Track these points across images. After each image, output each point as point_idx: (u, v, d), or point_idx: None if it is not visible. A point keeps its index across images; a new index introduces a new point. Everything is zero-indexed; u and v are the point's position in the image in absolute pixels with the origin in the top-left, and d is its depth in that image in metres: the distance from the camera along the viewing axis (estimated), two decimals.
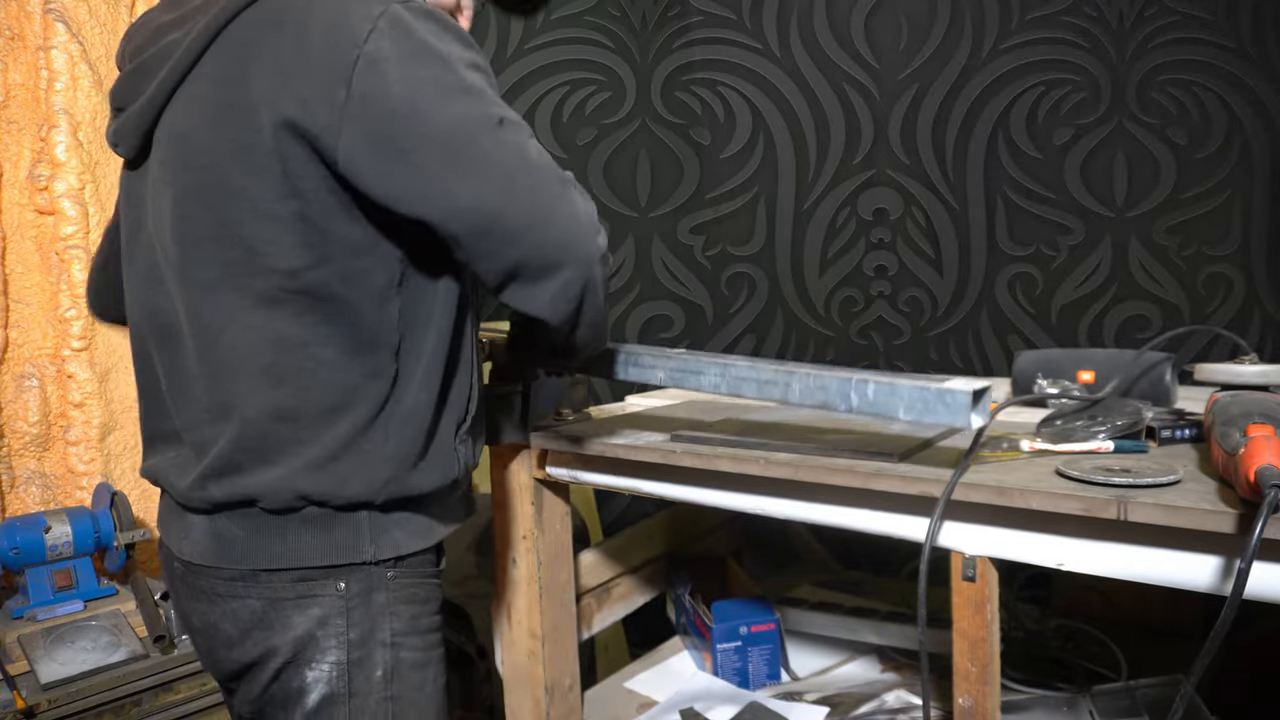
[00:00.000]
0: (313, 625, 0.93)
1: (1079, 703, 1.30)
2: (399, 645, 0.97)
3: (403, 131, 0.86)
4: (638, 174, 2.72)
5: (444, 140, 0.87)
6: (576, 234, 0.91)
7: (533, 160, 0.90)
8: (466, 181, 0.87)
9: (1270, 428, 0.79)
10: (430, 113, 0.86)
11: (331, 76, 0.85)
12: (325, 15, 0.87)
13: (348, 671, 0.94)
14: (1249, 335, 2.50)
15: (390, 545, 0.96)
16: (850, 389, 0.95)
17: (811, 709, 1.45)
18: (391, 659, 0.96)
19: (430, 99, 0.87)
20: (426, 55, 0.88)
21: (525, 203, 0.89)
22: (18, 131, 1.82)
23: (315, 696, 0.94)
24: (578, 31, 2.66)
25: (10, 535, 1.58)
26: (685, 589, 1.74)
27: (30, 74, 1.82)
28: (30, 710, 1.41)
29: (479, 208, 0.88)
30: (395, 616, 0.96)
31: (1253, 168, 2.50)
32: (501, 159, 0.88)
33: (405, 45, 0.87)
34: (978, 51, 2.60)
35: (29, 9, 1.81)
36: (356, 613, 0.94)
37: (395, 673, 0.96)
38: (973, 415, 0.89)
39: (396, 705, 0.96)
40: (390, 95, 0.85)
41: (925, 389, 0.90)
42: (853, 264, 2.71)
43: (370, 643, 0.95)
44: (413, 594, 0.99)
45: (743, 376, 1.03)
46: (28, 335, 1.84)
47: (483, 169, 0.88)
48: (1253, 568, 0.71)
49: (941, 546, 0.97)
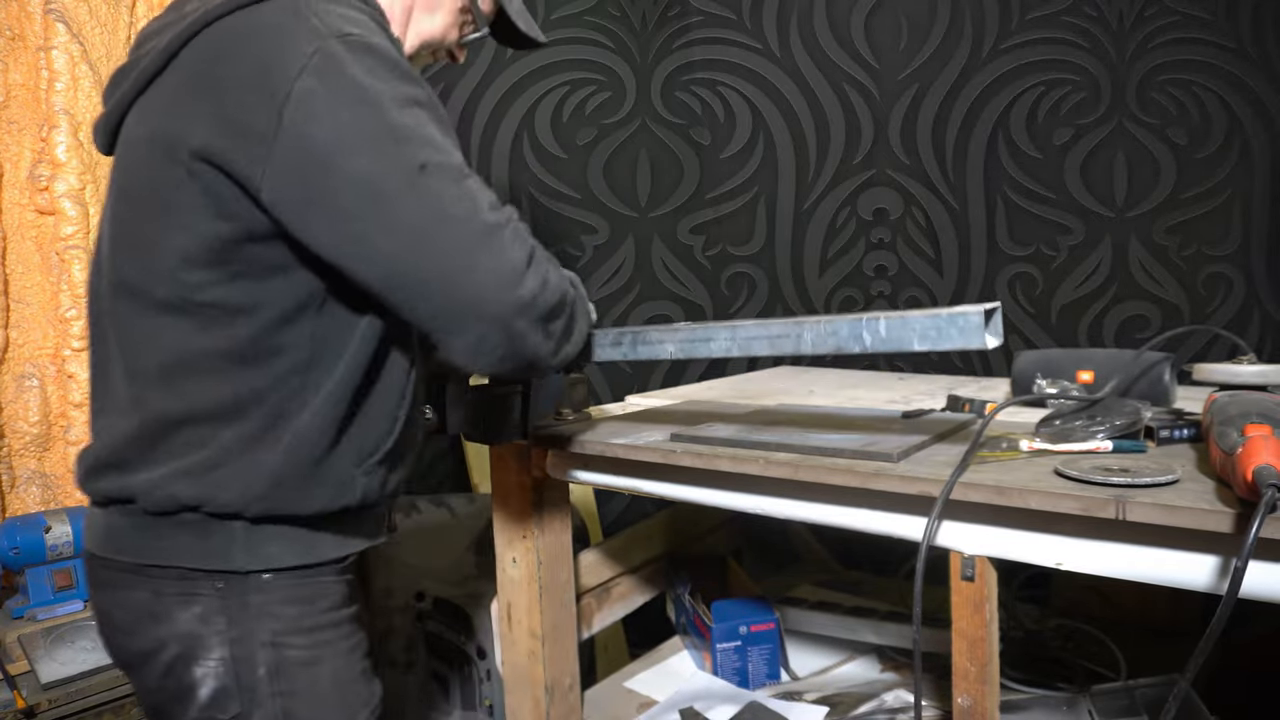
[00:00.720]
0: (196, 623, 0.96)
1: (1078, 702, 1.30)
2: (281, 645, 0.97)
3: (321, 177, 0.86)
4: (638, 174, 2.72)
5: (360, 190, 0.87)
6: (491, 288, 0.89)
7: (450, 213, 0.89)
8: (379, 234, 0.87)
9: (1268, 427, 0.80)
10: (348, 161, 0.86)
11: (263, 111, 0.86)
12: (264, 48, 0.88)
13: (234, 667, 0.96)
14: (1248, 335, 2.50)
15: (263, 558, 0.96)
16: (862, 328, 0.95)
17: (811, 709, 1.45)
18: (274, 658, 0.97)
19: (350, 145, 0.86)
20: (354, 96, 0.87)
21: (436, 258, 0.88)
22: (18, 132, 1.82)
23: (207, 691, 0.96)
24: (578, 31, 2.67)
25: (10, 535, 1.58)
26: (685, 589, 1.74)
27: (31, 74, 1.82)
28: (31, 710, 1.41)
29: (391, 261, 0.88)
30: (273, 618, 0.97)
31: (1253, 168, 2.50)
32: (416, 212, 0.88)
33: (334, 84, 0.87)
34: (978, 51, 2.60)
35: (29, 9, 1.81)
36: (234, 613, 0.96)
37: (280, 671, 0.97)
38: (986, 335, 0.88)
39: (287, 701, 0.97)
40: (313, 138, 0.86)
41: (936, 315, 0.90)
42: (853, 264, 2.71)
43: (250, 642, 0.96)
44: (294, 595, 0.98)
45: (753, 335, 1.02)
46: (28, 335, 1.84)
47: (396, 222, 0.87)
48: (1249, 566, 0.71)
49: (940, 546, 0.98)
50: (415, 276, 0.89)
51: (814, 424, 1.24)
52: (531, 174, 2.68)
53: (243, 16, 0.90)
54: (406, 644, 1.95)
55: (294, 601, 0.98)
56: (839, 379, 1.90)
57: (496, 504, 1.40)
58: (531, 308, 0.93)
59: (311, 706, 0.99)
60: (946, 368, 2.64)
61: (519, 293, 0.91)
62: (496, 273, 0.90)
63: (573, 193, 2.71)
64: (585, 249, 2.73)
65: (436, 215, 0.88)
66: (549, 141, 2.68)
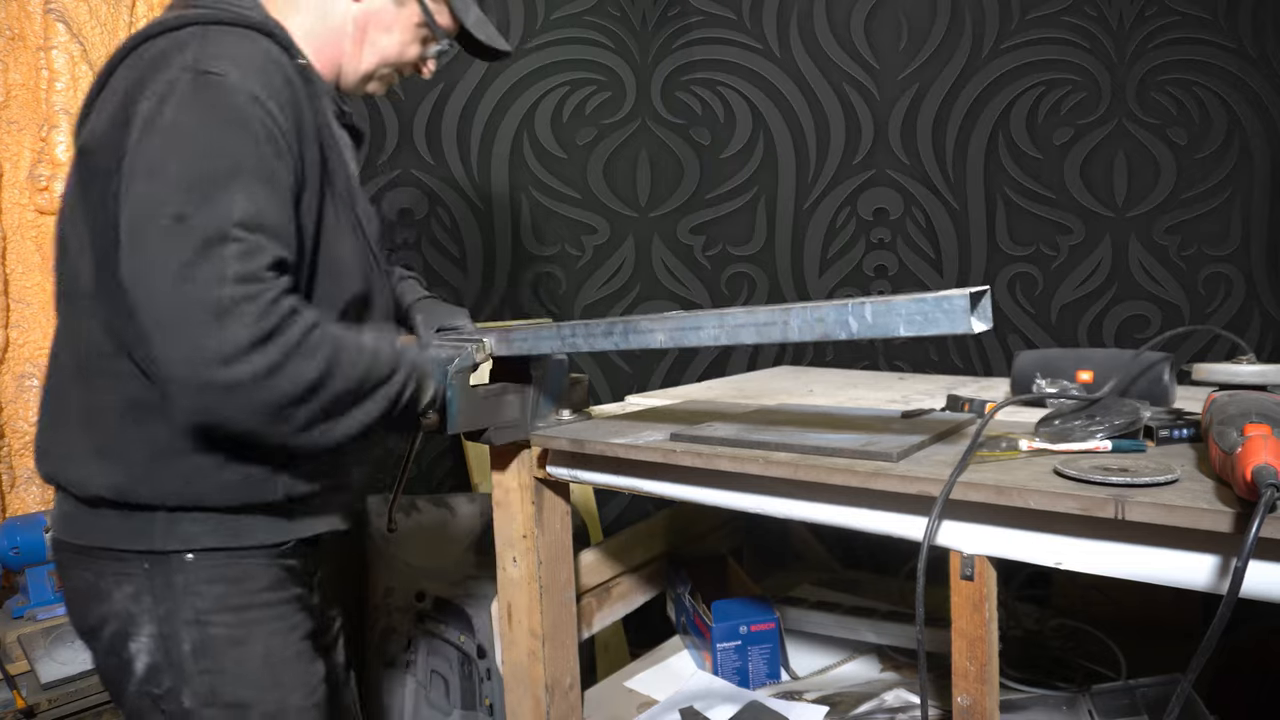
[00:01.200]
0: (129, 600, 1.00)
1: (1078, 702, 1.30)
2: (205, 623, 1.00)
3: (121, 201, 0.91)
4: (638, 174, 2.72)
5: (131, 221, 0.89)
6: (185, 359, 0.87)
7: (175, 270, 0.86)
8: (125, 260, 0.89)
9: (1267, 427, 0.80)
10: (135, 191, 0.90)
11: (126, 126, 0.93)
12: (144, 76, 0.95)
13: (163, 644, 1.00)
14: (1248, 335, 2.50)
15: (181, 538, 1.00)
16: (848, 314, 0.94)
17: (811, 708, 1.45)
18: (198, 635, 1.00)
19: (139, 171, 0.90)
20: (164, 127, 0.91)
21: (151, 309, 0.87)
22: (18, 131, 1.82)
23: (141, 665, 1.01)
24: (578, 31, 2.67)
25: (10, 535, 1.58)
26: (685, 588, 1.74)
27: (31, 74, 1.82)
28: (30, 709, 1.41)
29: (130, 291, 0.89)
30: (198, 595, 1.00)
31: (1253, 168, 2.50)
32: (153, 254, 0.87)
33: (158, 112, 0.91)
34: (978, 51, 2.60)
35: (29, 9, 1.81)
36: (160, 591, 1.00)
37: (205, 648, 1.00)
38: (972, 320, 0.86)
39: (215, 679, 1.01)
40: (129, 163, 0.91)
41: (922, 300, 0.89)
42: (853, 264, 2.71)
43: (175, 619, 1.00)
44: (219, 574, 1.02)
45: (740, 323, 1.03)
46: (28, 335, 1.84)
47: (136, 256, 0.88)
48: (1249, 566, 0.71)
49: (940, 545, 0.98)
50: (139, 315, 0.89)
51: (814, 424, 1.24)
52: (531, 174, 2.68)
53: (149, 45, 0.98)
54: (406, 644, 1.95)
55: (219, 580, 1.01)
56: (839, 378, 1.90)
57: (496, 504, 1.40)
58: (241, 389, 0.88)
59: (239, 683, 1.02)
60: (946, 367, 2.65)
61: (221, 372, 0.87)
62: (199, 346, 0.86)
63: (573, 193, 2.71)
64: (585, 249, 2.73)
65: (162, 267, 0.87)
66: (549, 141, 2.68)
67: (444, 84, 2.60)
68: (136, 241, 0.88)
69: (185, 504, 0.99)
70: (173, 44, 0.96)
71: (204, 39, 0.96)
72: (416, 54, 1.21)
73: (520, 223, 2.69)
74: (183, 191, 0.88)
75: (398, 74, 1.23)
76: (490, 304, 2.70)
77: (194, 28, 0.97)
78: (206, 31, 0.97)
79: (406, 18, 1.17)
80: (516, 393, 1.30)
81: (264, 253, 0.90)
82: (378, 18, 1.14)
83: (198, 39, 0.96)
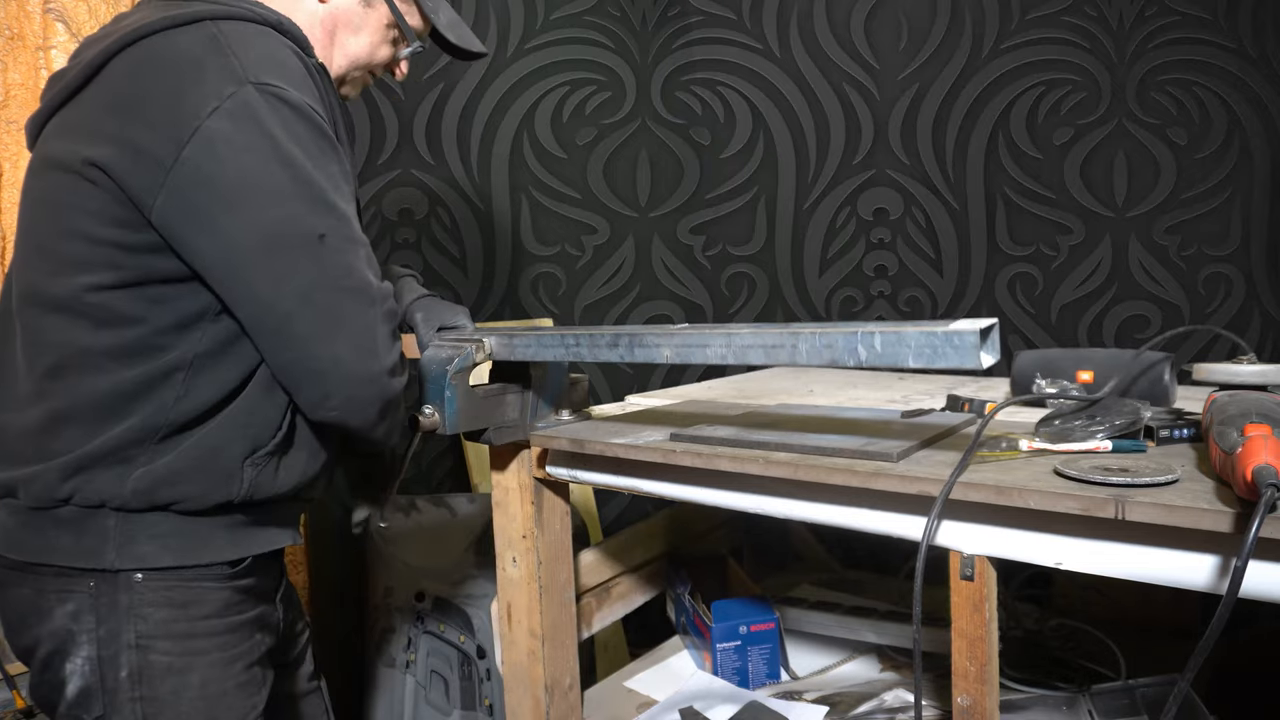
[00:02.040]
0: (69, 620, 0.97)
1: (1078, 702, 1.30)
2: (146, 648, 0.97)
3: (220, 215, 0.91)
4: (638, 174, 2.72)
5: (257, 238, 0.92)
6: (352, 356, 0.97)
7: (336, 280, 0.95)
8: (267, 282, 0.93)
9: (1268, 427, 0.79)
10: (254, 210, 0.91)
11: (165, 138, 0.90)
12: (178, 80, 0.92)
13: (99, 667, 0.97)
14: (1248, 335, 2.50)
15: (135, 556, 0.97)
16: (857, 342, 0.94)
17: (811, 708, 1.45)
18: (138, 660, 0.97)
19: (256, 195, 0.91)
20: (267, 148, 0.91)
21: (310, 319, 0.94)
22: (18, 131, 1.82)
23: (73, 688, 0.98)
24: (578, 31, 2.67)
25: None
26: (685, 588, 1.74)
27: (30, 74, 1.82)
28: (30, 710, 1.41)
29: (271, 306, 0.93)
30: (141, 619, 0.97)
31: (1253, 168, 2.50)
32: (307, 271, 0.93)
33: (247, 132, 0.91)
34: (978, 51, 2.60)
35: (29, 9, 1.81)
36: (104, 611, 0.97)
37: (143, 674, 0.97)
38: (982, 354, 0.87)
39: (147, 706, 0.98)
40: (217, 177, 0.90)
41: (932, 333, 0.89)
42: (853, 264, 2.71)
43: (116, 642, 0.97)
44: (167, 597, 0.99)
45: (748, 344, 1.02)
46: None
47: (285, 275, 0.93)
48: (1249, 566, 0.71)
49: (940, 545, 0.98)
50: (289, 328, 0.94)
51: (814, 424, 1.24)
52: (531, 174, 2.68)
53: (161, 40, 0.94)
54: (406, 644, 1.95)
55: (165, 605, 0.98)
56: (839, 378, 1.90)
57: (496, 504, 1.40)
58: (382, 380, 1.00)
59: (174, 715, 0.99)
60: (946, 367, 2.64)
61: (376, 364, 0.99)
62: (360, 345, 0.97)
63: (573, 193, 2.71)
64: (585, 249, 2.73)
65: (324, 281, 0.94)
66: (549, 141, 2.68)
67: (444, 84, 2.60)
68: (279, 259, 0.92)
69: (147, 504, 0.96)
70: (197, 41, 0.93)
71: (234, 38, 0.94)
72: (388, 55, 1.19)
73: (520, 223, 2.69)
74: (319, 208, 0.94)
75: (370, 76, 1.22)
76: (490, 304, 2.70)
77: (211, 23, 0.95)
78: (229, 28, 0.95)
79: (376, 19, 1.16)
80: (516, 393, 1.30)
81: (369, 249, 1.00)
82: (346, 19, 1.13)
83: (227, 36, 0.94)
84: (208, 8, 0.97)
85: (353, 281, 0.96)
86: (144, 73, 0.93)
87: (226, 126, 0.90)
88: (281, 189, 0.92)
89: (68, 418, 0.96)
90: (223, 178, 0.90)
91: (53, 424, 0.96)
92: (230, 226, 0.91)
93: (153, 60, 0.94)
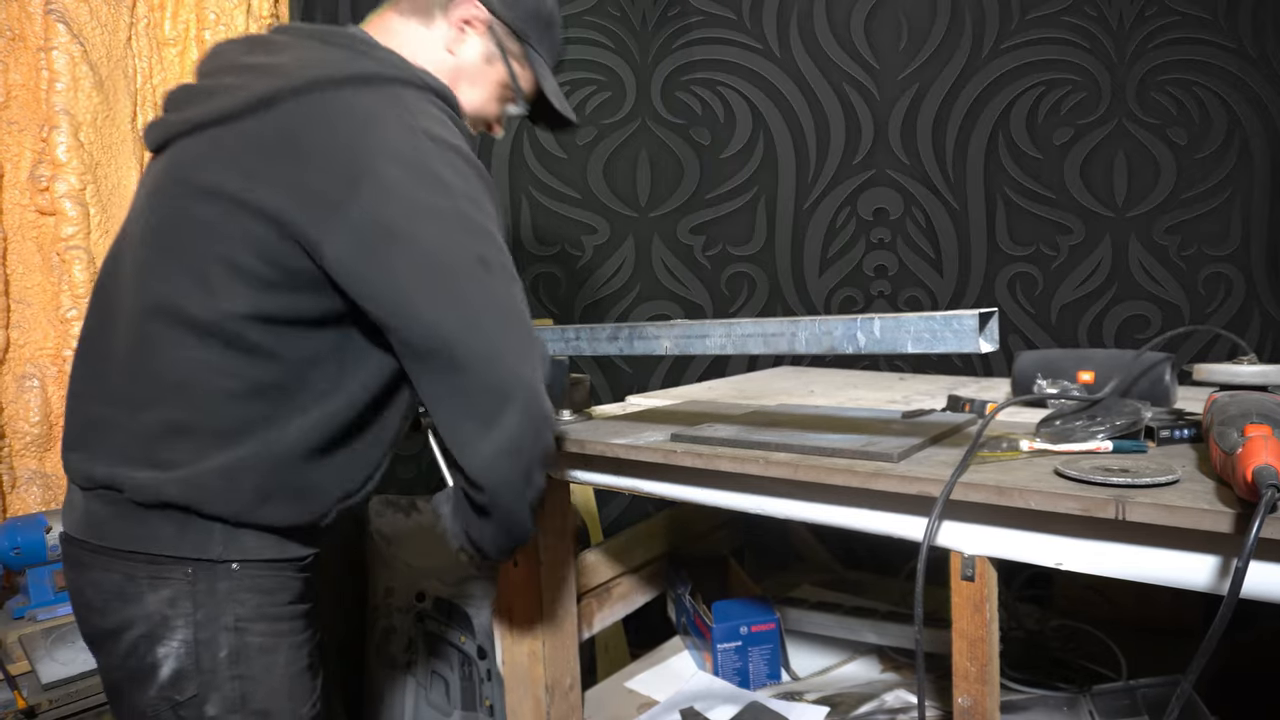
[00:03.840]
0: (163, 605, 1.00)
1: (1079, 702, 1.30)
2: (244, 630, 1.02)
3: (393, 249, 0.95)
4: (638, 174, 2.72)
5: (428, 266, 0.95)
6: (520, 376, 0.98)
7: (504, 304, 0.99)
8: (437, 306, 0.96)
9: (1268, 428, 0.79)
10: (423, 239, 0.95)
11: (340, 182, 0.94)
12: (354, 128, 0.96)
13: (195, 650, 1.00)
14: (1248, 335, 2.50)
15: (239, 549, 1.02)
16: (857, 329, 0.96)
17: (811, 709, 1.45)
18: (236, 641, 1.02)
19: (427, 226, 0.95)
20: (433, 184, 0.96)
21: (482, 338, 0.96)
22: (19, 132, 1.82)
23: (168, 670, 1.00)
24: (578, 31, 2.67)
25: (11, 535, 1.58)
26: (685, 589, 1.74)
27: (31, 74, 1.82)
28: (31, 710, 1.41)
29: (439, 328, 0.96)
30: (239, 603, 1.02)
31: (1253, 168, 2.50)
32: (475, 296, 0.97)
33: (417, 173, 0.96)
34: (978, 51, 2.60)
35: (30, 10, 1.81)
36: (202, 596, 1.01)
37: (241, 654, 1.02)
38: (980, 340, 0.88)
39: (245, 684, 1.02)
40: (389, 214, 0.94)
41: (931, 318, 0.90)
42: (853, 264, 2.71)
43: (215, 625, 1.01)
44: (259, 584, 1.04)
45: (748, 333, 1.04)
46: (29, 335, 1.84)
47: (455, 300, 0.96)
48: (1250, 567, 0.71)
49: (940, 546, 0.98)
50: (458, 350, 0.96)
51: (814, 424, 1.24)
52: (531, 174, 2.68)
53: (347, 95, 0.98)
54: (406, 644, 1.95)
55: (258, 591, 1.03)
56: (839, 379, 1.90)
57: None
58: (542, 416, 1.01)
59: (267, 691, 1.03)
60: (947, 368, 2.64)
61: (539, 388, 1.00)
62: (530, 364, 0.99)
63: (573, 193, 2.71)
64: (585, 249, 2.73)
65: (492, 303, 0.98)
66: (549, 141, 2.68)
67: None
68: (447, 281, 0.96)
69: (248, 523, 1.01)
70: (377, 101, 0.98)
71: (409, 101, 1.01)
72: (495, 112, 1.25)
73: (520, 223, 2.69)
74: (482, 238, 0.98)
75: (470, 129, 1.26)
76: None
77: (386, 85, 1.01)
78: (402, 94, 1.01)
79: (492, 76, 1.21)
80: None
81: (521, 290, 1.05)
82: (468, 72, 1.19)
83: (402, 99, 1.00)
84: (378, 67, 1.02)
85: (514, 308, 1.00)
86: (320, 123, 0.97)
87: (397, 169, 0.95)
88: (446, 220, 0.96)
89: (186, 431, 0.99)
90: (392, 216, 0.94)
91: (168, 433, 0.99)
92: (400, 261, 0.95)
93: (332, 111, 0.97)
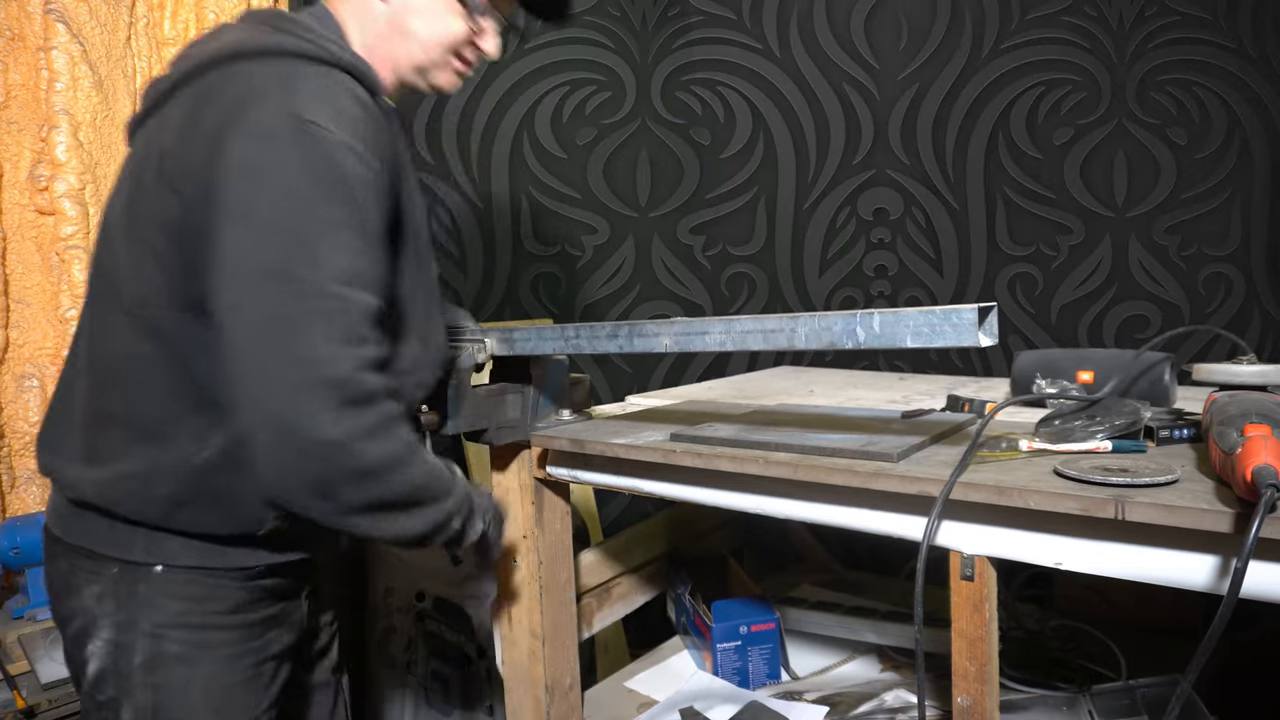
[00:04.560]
0: (94, 601, 1.00)
1: (1078, 702, 1.30)
2: (160, 637, 0.99)
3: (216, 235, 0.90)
4: (638, 174, 2.72)
5: (225, 260, 0.89)
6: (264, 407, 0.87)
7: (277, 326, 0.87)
8: (222, 304, 0.89)
9: (1267, 428, 0.79)
10: (229, 229, 0.89)
11: (212, 158, 0.91)
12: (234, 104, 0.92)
13: (115, 651, 0.99)
14: (1248, 335, 2.50)
15: (162, 553, 0.99)
16: (856, 324, 0.95)
17: (811, 708, 1.45)
18: (153, 648, 0.99)
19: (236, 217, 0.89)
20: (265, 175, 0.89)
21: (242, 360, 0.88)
22: (18, 132, 1.82)
23: (93, 668, 1.00)
24: (578, 31, 2.67)
25: (10, 535, 1.58)
26: (685, 589, 1.74)
27: (31, 74, 1.82)
28: (31, 710, 1.41)
29: (231, 335, 0.88)
30: (157, 609, 0.99)
31: (1253, 168, 2.50)
32: (257, 303, 0.87)
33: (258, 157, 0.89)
34: (978, 51, 2.60)
35: (29, 9, 1.81)
36: (124, 598, 1.00)
37: (156, 662, 0.99)
38: (980, 334, 0.88)
39: (158, 694, 0.99)
40: (222, 199, 0.89)
41: (930, 312, 0.90)
42: (853, 264, 2.71)
43: (134, 629, 0.99)
44: (186, 590, 1.00)
45: (747, 330, 1.03)
46: (28, 335, 1.84)
47: (236, 304, 0.88)
48: (1250, 566, 0.71)
49: (940, 546, 0.98)
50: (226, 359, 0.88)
51: (814, 424, 1.24)
52: (531, 174, 2.68)
53: (245, 67, 0.96)
54: (406, 644, 1.95)
55: (183, 598, 1.00)
56: (839, 379, 1.90)
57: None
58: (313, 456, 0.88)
59: (183, 704, 1.00)
60: (947, 368, 2.64)
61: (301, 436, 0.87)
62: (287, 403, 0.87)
63: (573, 193, 2.71)
64: (585, 249, 2.73)
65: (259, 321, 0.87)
66: (549, 141, 2.68)
67: None
68: (233, 288, 0.88)
69: (168, 527, 0.98)
70: (269, 77, 0.94)
71: (301, 78, 0.94)
72: (462, 29, 1.14)
73: (520, 223, 2.69)
74: (283, 245, 0.88)
75: (458, 59, 1.18)
76: (490, 304, 2.70)
77: (289, 60, 0.96)
78: (301, 69, 0.95)
79: None
80: (516, 393, 1.30)
81: (356, 308, 0.90)
82: (408, 8, 1.10)
83: (295, 77, 0.94)
84: (293, 42, 0.98)
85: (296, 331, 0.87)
86: (215, 96, 0.95)
87: (247, 150, 0.89)
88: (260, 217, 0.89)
89: (114, 421, 0.98)
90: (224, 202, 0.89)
91: (100, 422, 0.99)
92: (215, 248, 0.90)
93: (226, 84, 0.95)
